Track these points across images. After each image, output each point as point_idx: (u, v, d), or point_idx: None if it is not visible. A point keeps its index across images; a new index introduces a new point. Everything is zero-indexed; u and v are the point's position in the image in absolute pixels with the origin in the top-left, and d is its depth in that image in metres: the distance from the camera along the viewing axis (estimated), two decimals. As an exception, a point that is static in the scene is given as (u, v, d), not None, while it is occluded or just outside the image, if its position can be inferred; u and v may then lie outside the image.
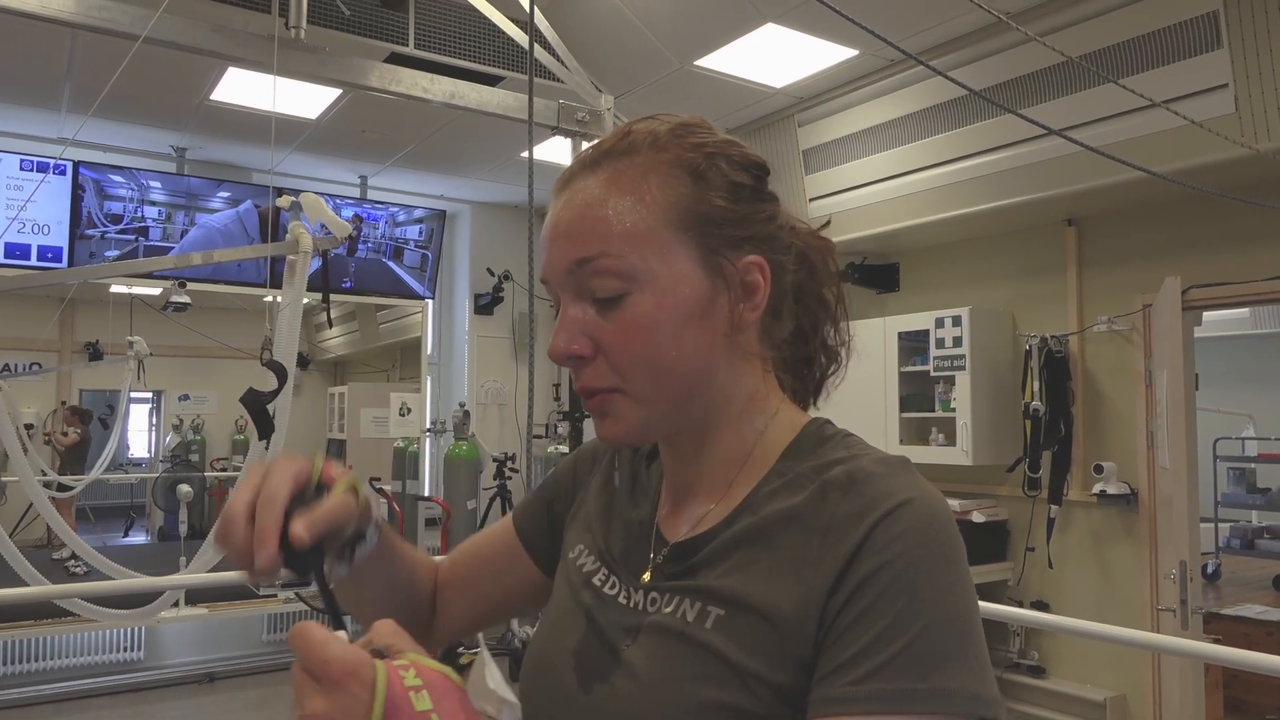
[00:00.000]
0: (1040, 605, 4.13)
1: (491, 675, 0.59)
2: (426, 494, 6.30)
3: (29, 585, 2.55)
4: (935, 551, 0.60)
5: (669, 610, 0.67)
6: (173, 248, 5.34)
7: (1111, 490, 3.85)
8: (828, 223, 0.79)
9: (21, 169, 5.01)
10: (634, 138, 0.69)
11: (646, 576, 0.71)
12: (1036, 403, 4.00)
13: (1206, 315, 4.08)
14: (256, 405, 0.86)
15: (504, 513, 5.95)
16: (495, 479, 5.97)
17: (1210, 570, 5.16)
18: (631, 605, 0.71)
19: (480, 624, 0.92)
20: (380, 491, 6.02)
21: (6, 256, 4.98)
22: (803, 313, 0.75)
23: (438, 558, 0.95)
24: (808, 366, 0.77)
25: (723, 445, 0.72)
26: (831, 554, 0.61)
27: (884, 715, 0.56)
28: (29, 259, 5.05)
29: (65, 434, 8.33)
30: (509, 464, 5.95)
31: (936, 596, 0.59)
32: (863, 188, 4.32)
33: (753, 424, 0.72)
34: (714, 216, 0.68)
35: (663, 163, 0.68)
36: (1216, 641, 3.21)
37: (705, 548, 0.68)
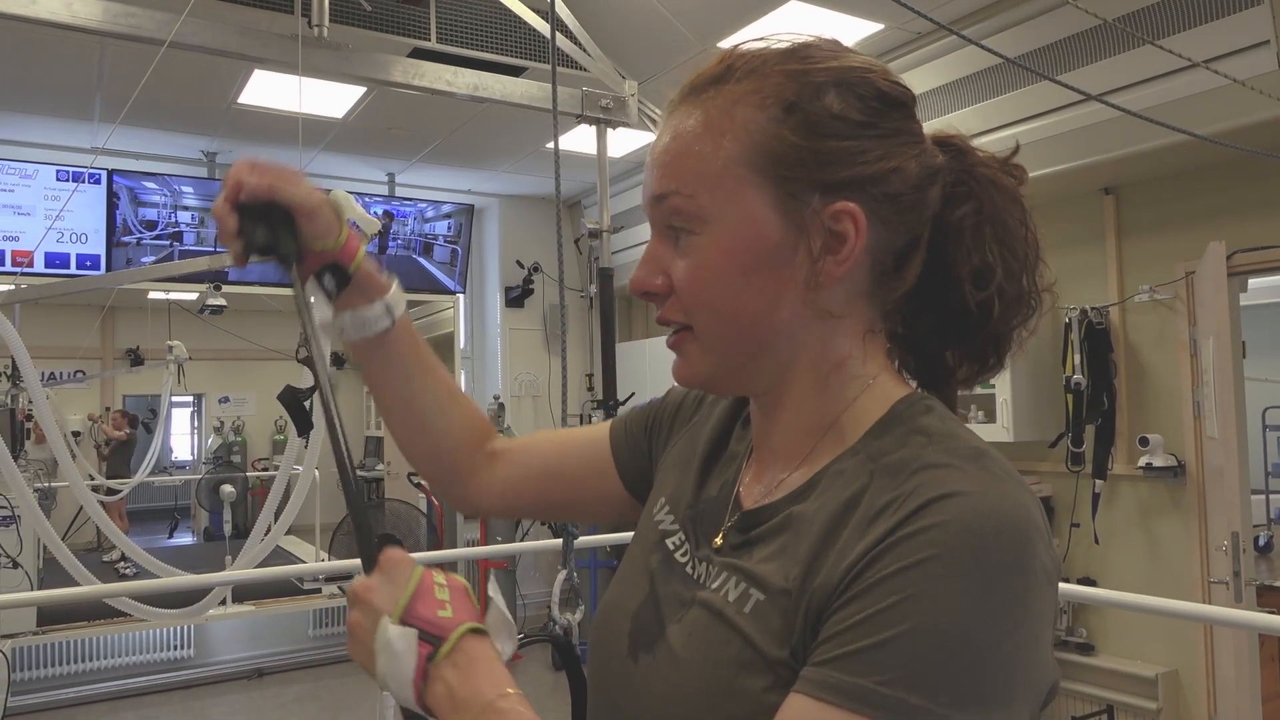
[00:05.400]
0: (1087, 582, 4.07)
1: (500, 609, 0.63)
2: (464, 487, 6.34)
3: (82, 586, 2.60)
4: (966, 553, 0.51)
5: (715, 586, 0.65)
6: (207, 251, 5.41)
7: (1158, 463, 3.77)
8: (1015, 149, 0.70)
9: (58, 179, 5.10)
10: (732, 64, 0.64)
11: (719, 540, 0.68)
12: (1078, 376, 3.93)
13: (1252, 281, 3.98)
14: (293, 401, 0.87)
15: (542, 503, 5.99)
16: (532, 470, 5.98)
17: (1262, 542, 5.05)
18: (695, 576, 0.68)
19: (532, 509, 0.90)
20: (419, 486, 6.08)
21: (47, 266, 5.08)
22: (974, 251, 0.66)
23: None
24: (980, 318, 0.66)
25: (802, 411, 0.66)
26: (854, 545, 0.56)
27: (832, 707, 0.51)
28: (68, 267, 5.15)
29: (117, 432, 8.50)
30: (545, 455, 5.97)
31: (943, 606, 0.50)
32: (893, 164, 4.25)
33: (842, 392, 0.65)
34: (793, 156, 0.61)
35: (754, 92, 0.62)
36: (1272, 614, 3.14)
37: (766, 522, 0.65)
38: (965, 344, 0.69)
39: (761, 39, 0.65)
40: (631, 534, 0.80)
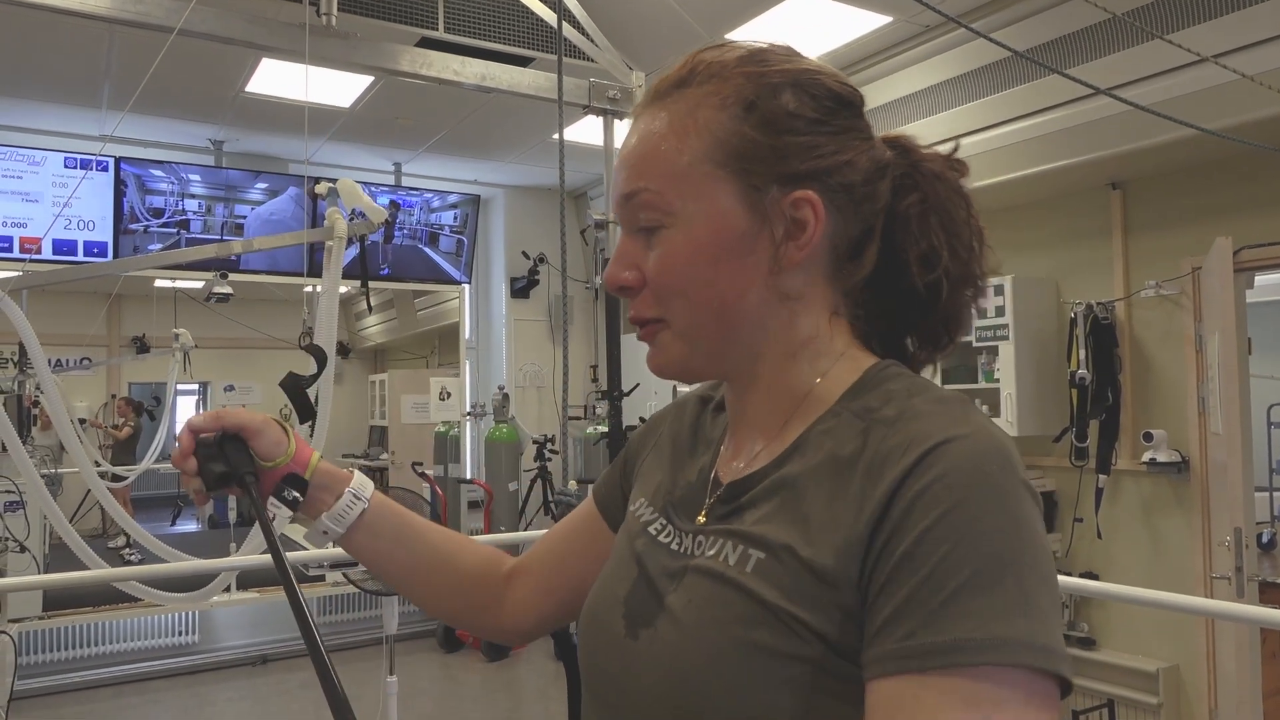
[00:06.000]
0: (1089, 577, 4.07)
1: None
2: (468, 477, 6.36)
3: (90, 570, 2.61)
4: (984, 491, 0.55)
5: (712, 553, 0.66)
6: (214, 239, 5.43)
7: (1162, 458, 3.77)
8: (956, 147, 0.75)
9: (66, 166, 5.12)
10: (694, 69, 0.69)
11: (701, 518, 0.71)
12: (1083, 371, 3.93)
13: (1259, 278, 3.96)
14: (294, 389, 0.89)
15: (545, 494, 6.01)
16: (536, 460, 6.01)
17: (1265, 539, 5.05)
18: (681, 550, 0.70)
19: (567, 608, 0.90)
20: (423, 476, 6.09)
21: (55, 253, 5.10)
22: (920, 237, 0.70)
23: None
24: (929, 299, 0.71)
25: (776, 386, 0.70)
26: (870, 495, 0.58)
27: (938, 673, 0.52)
28: (76, 254, 5.16)
29: (118, 426, 8.54)
30: (549, 445, 5.99)
31: (986, 538, 0.54)
32: (899, 157, 4.24)
33: (813, 366, 0.69)
34: (754, 151, 0.66)
35: (715, 94, 0.67)
36: (1273, 610, 3.13)
37: (754, 488, 0.67)
38: (920, 325, 0.74)
39: (720, 45, 0.70)
40: None
